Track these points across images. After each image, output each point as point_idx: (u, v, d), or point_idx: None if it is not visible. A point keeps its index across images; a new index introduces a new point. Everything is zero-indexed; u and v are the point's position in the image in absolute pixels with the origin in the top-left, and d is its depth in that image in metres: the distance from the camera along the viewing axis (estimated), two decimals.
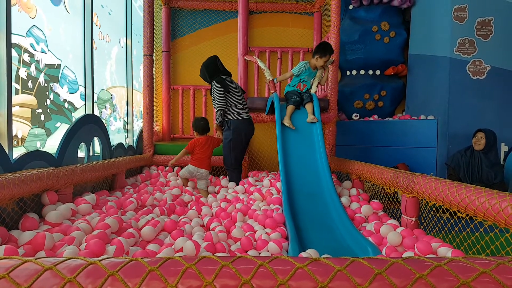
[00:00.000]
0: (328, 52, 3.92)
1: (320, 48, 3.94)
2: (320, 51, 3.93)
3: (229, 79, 4.03)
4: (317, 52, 3.96)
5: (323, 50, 3.92)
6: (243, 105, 4.02)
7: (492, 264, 0.85)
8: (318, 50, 3.95)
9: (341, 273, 0.83)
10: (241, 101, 4.02)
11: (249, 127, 4.01)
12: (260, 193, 3.36)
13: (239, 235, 2.42)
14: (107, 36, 4.31)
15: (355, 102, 5.62)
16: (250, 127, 4.03)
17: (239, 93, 4.04)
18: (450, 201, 2.07)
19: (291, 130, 3.69)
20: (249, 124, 4.02)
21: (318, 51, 3.94)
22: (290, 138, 3.65)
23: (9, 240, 1.98)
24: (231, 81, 4.04)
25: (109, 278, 0.79)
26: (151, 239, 2.32)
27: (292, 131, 3.69)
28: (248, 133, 4.02)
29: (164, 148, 5.01)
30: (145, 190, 3.53)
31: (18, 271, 0.80)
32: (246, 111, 4.05)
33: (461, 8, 4.50)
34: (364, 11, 5.54)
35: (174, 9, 5.83)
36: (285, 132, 3.68)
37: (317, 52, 3.96)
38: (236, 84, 4.09)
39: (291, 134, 3.68)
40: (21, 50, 2.65)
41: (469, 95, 4.51)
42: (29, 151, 2.52)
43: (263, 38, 5.86)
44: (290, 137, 3.66)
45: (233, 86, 4.01)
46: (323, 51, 3.92)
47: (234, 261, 0.85)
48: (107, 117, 4.34)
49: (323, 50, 3.92)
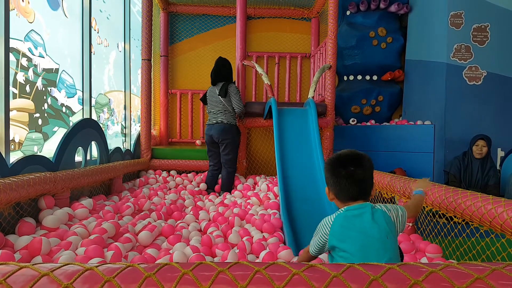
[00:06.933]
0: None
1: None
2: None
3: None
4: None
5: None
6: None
7: (486, 270, 0.86)
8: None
9: (337, 279, 0.83)
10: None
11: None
12: (257, 197, 3.36)
13: (236, 241, 2.42)
14: (105, 41, 4.32)
15: (353, 107, 5.64)
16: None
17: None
18: (447, 206, 2.08)
19: (289, 135, 3.70)
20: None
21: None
22: (288, 143, 3.65)
23: (5, 245, 1.97)
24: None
25: (105, 284, 0.79)
26: (148, 244, 2.32)
27: (290, 135, 3.70)
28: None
29: (161, 152, 5.01)
30: (142, 194, 3.52)
31: (15, 277, 0.80)
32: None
33: (458, 14, 4.54)
34: (362, 16, 5.58)
35: (172, 14, 5.85)
36: (282, 136, 3.68)
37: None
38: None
39: (288, 139, 3.69)
40: (19, 54, 2.65)
41: (466, 101, 4.54)
42: (26, 155, 2.52)
43: (261, 43, 5.88)
44: (287, 141, 3.66)
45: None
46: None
47: (230, 267, 0.85)
48: (105, 122, 4.34)
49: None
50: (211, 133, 4.11)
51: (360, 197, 1.44)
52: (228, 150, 4.10)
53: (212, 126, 4.13)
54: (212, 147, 4.22)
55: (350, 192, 1.43)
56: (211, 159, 4.29)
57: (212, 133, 4.10)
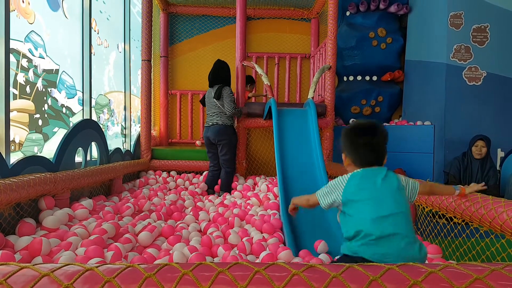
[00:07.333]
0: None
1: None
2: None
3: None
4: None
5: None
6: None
7: (486, 270, 0.86)
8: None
9: (336, 280, 0.83)
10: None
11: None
12: (257, 198, 3.36)
13: (235, 241, 2.42)
14: (105, 41, 4.33)
15: (352, 108, 5.64)
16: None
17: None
18: (447, 207, 2.08)
19: (288, 135, 3.70)
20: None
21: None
22: (288, 143, 3.66)
23: (5, 245, 1.97)
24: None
25: (106, 285, 0.80)
26: (148, 245, 2.32)
27: (290, 136, 3.70)
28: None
29: (161, 153, 5.01)
30: (142, 195, 3.52)
31: (16, 277, 0.80)
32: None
33: (457, 14, 4.54)
34: (361, 17, 5.58)
35: (172, 15, 5.85)
36: (282, 137, 3.69)
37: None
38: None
39: (288, 139, 3.69)
40: (19, 55, 2.66)
41: (466, 101, 4.54)
42: (27, 156, 2.52)
43: (261, 44, 5.89)
44: (287, 142, 3.67)
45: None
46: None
47: (230, 268, 0.85)
48: (105, 122, 4.34)
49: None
50: (208, 135, 4.20)
51: (375, 163, 1.57)
52: (225, 150, 4.16)
53: (208, 128, 4.22)
54: (211, 148, 4.28)
55: (367, 159, 1.56)
56: (211, 160, 4.35)
57: (209, 135, 4.19)
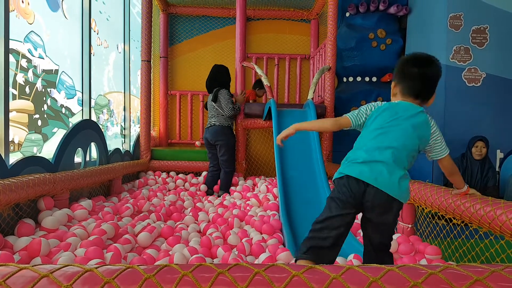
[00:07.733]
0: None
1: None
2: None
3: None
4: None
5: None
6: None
7: (486, 272, 0.86)
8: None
9: (336, 281, 0.83)
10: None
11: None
12: (257, 199, 3.36)
13: (235, 242, 2.42)
14: (105, 42, 4.33)
15: (352, 109, 5.59)
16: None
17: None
18: (446, 208, 2.08)
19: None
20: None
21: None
22: (287, 144, 3.65)
23: (4, 246, 1.97)
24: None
25: (105, 286, 0.79)
26: (148, 245, 2.32)
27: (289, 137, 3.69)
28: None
29: (161, 153, 5.01)
30: (141, 195, 3.52)
31: (15, 278, 0.80)
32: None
33: (457, 16, 4.55)
34: (361, 18, 5.59)
35: (172, 15, 5.85)
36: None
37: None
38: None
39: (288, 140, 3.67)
40: (18, 55, 2.65)
41: (465, 102, 4.54)
42: (26, 156, 2.51)
43: (261, 45, 5.89)
44: (287, 143, 3.65)
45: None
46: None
47: (230, 269, 0.85)
48: (104, 123, 4.34)
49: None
50: (207, 136, 4.28)
51: (420, 97, 1.62)
52: (223, 151, 4.19)
53: (207, 129, 4.32)
54: (211, 149, 4.33)
55: (415, 89, 1.60)
56: (210, 161, 4.40)
57: (207, 136, 4.27)
